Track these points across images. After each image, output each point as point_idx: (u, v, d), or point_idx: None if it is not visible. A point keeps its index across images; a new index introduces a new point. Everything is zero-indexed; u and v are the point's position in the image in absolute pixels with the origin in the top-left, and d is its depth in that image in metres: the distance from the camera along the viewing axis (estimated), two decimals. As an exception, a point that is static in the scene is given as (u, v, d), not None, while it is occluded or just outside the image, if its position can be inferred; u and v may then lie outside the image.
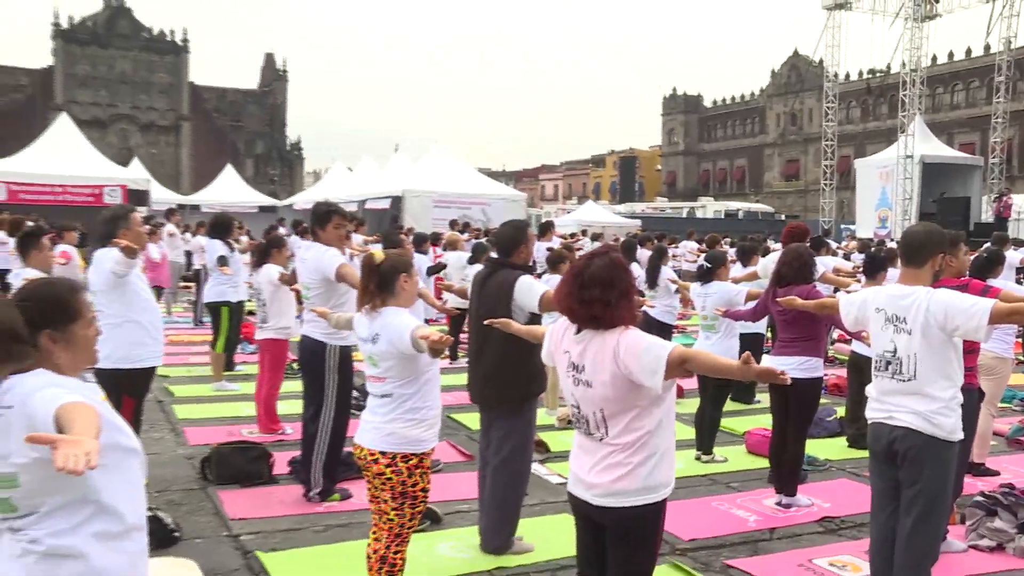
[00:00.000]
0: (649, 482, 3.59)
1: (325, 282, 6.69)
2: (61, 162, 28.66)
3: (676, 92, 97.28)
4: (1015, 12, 37.72)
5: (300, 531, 6.30)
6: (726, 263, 8.92)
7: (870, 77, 55.22)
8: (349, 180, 36.76)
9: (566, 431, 9.04)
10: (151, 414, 8.96)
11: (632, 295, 3.71)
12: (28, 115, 76.94)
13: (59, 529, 2.70)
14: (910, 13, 37.29)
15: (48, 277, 3.53)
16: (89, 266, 6.83)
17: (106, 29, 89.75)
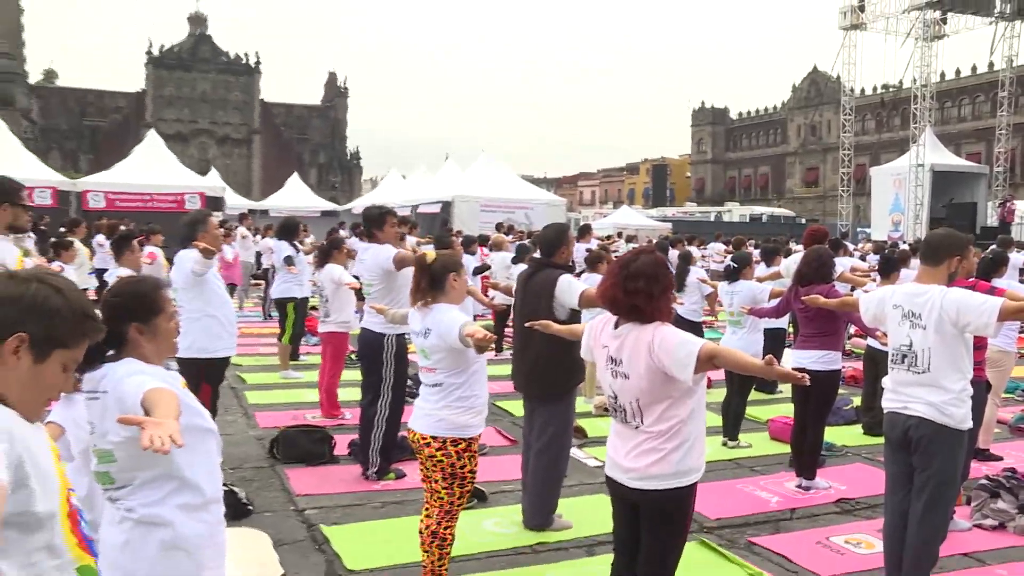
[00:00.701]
0: (681, 467, 3.57)
1: (384, 278, 6.69)
2: (149, 173, 29.09)
3: (704, 105, 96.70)
4: (1016, 33, 37.93)
5: (359, 507, 6.32)
6: (751, 263, 8.88)
7: (884, 92, 54.66)
8: (403, 186, 36.85)
9: (603, 418, 9.01)
10: (226, 399, 9.04)
11: (671, 292, 3.70)
12: (124, 133, 78.37)
13: (150, 500, 2.78)
14: (920, 33, 37.11)
15: (136, 275, 3.57)
16: (172, 265, 6.91)
17: (190, 55, 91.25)
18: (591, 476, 7.12)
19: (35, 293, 1.97)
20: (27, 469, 1.84)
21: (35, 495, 1.85)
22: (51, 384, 2.02)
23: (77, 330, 2.03)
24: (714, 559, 5.45)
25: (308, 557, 5.39)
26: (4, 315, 1.94)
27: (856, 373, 10.68)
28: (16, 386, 1.94)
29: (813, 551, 5.64)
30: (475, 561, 5.32)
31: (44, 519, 1.88)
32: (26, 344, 1.93)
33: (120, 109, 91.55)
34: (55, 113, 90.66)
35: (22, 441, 1.86)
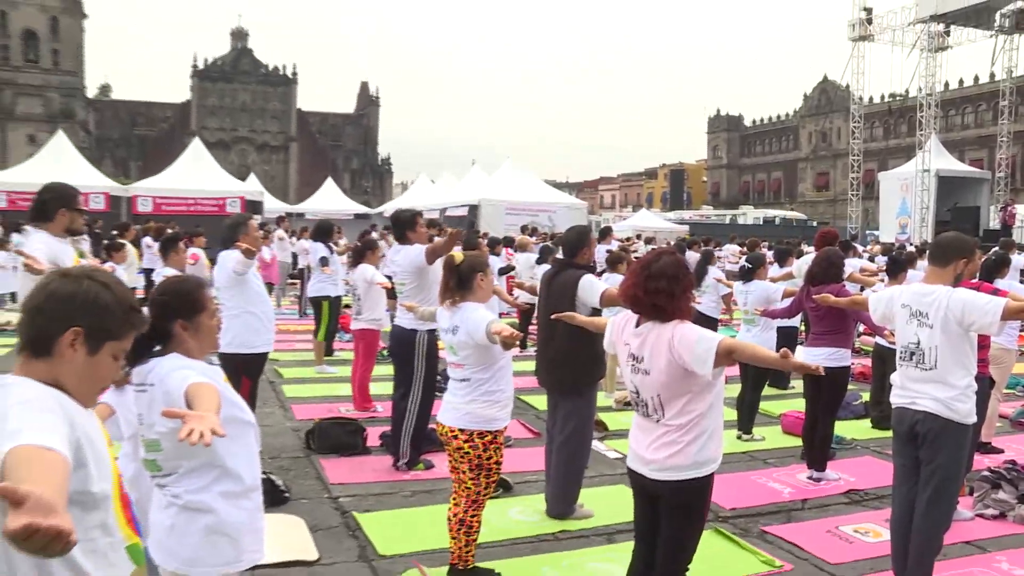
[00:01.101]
0: (699, 458, 3.55)
1: (416, 278, 6.67)
2: (193, 179, 29.37)
3: (720, 113, 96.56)
4: (1015, 46, 37.85)
5: (390, 495, 6.33)
6: (765, 264, 8.84)
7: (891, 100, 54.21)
8: (432, 190, 36.89)
9: (623, 412, 8.97)
10: (264, 392, 9.07)
11: (691, 292, 3.68)
12: (170, 141, 79.35)
13: (194, 487, 2.82)
14: (925, 45, 37.06)
15: (181, 275, 3.60)
16: (214, 265, 6.95)
17: (232, 67, 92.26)
18: (611, 467, 7.10)
19: (87, 290, 2.02)
20: (85, 451, 1.88)
21: (92, 476, 1.89)
22: (104, 373, 2.06)
23: (125, 322, 2.08)
24: (729, 547, 5.42)
25: (342, 542, 5.40)
26: (60, 311, 1.98)
27: (865, 369, 10.60)
28: (73, 376, 1.99)
29: (823, 539, 5.61)
30: (500, 547, 5.32)
31: (99, 499, 1.92)
32: (81, 337, 1.98)
33: (167, 119, 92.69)
34: (108, 124, 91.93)
35: (81, 426, 1.90)
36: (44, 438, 1.68)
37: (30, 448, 1.64)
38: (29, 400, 1.82)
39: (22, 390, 1.87)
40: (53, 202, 5.40)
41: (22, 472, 1.56)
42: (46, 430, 1.72)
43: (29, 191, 20.55)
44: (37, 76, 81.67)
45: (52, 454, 1.65)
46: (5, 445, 1.65)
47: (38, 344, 1.98)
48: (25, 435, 1.67)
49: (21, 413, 1.76)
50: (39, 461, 1.61)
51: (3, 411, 1.79)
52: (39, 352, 1.97)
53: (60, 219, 5.39)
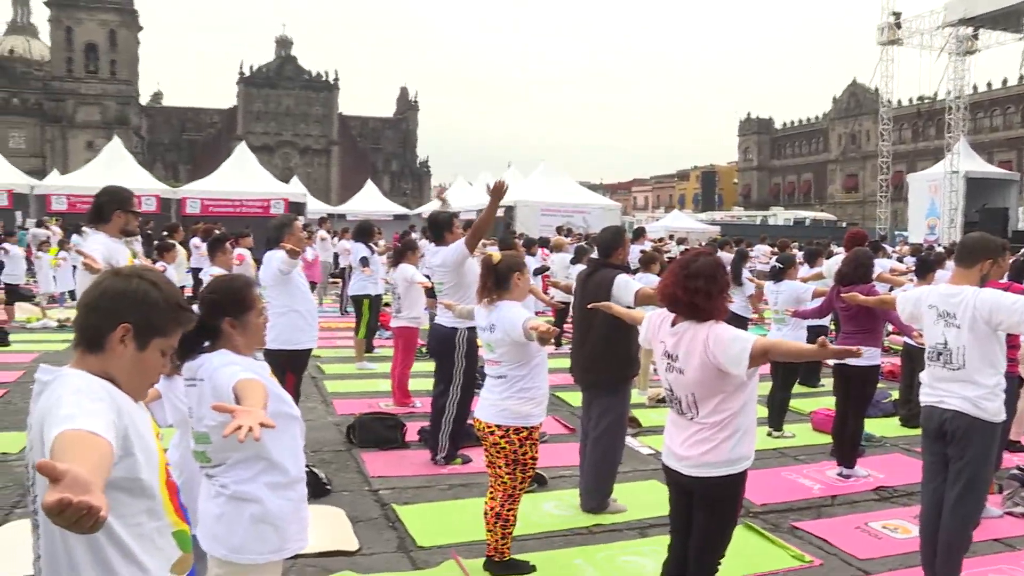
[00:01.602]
0: (732, 455, 3.52)
1: (455, 276, 6.66)
2: (239, 181, 29.72)
3: (750, 116, 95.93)
4: None
5: (428, 488, 6.35)
6: (795, 264, 8.75)
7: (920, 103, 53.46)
8: (469, 192, 36.93)
9: (655, 409, 8.94)
10: (306, 388, 9.13)
11: (727, 292, 3.65)
12: (217, 145, 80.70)
13: (241, 478, 2.85)
14: (953, 48, 36.44)
15: (229, 274, 3.64)
16: (260, 265, 7.01)
17: (276, 74, 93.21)
18: (644, 463, 7.07)
19: (136, 288, 2.05)
20: (132, 441, 1.91)
21: (139, 464, 1.92)
22: (152, 368, 2.09)
23: (172, 320, 2.10)
24: (759, 542, 5.37)
25: (382, 533, 5.42)
26: (111, 307, 2.02)
27: (894, 368, 10.46)
28: (123, 370, 2.02)
29: (852, 535, 5.54)
30: (535, 540, 5.31)
31: (146, 486, 1.95)
32: (130, 333, 2.01)
33: (214, 124, 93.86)
34: (160, 129, 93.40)
35: (129, 416, 1.93)
36: (92, 424, 1.71)
37: (77, 432, 1.68)
38: (81, 389, 1.86)
39: (75, 380, 1.91)
40: (109, 204, 5.49)
41: (67, 453, 1.60)
42: (95, 417, 1.75)
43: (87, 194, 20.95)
44: (96, 86, 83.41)
45: (98, 439, 1.68)
46: (56, 429, 1.70)
47: (91, 339, 2.01)
48: (75, 420, 1.71)
49: (73, 400, 1.80)
50: (84, 443, 1.65)
51: (57, 399, 1.83)
52: (92, 347, 2.01)
53: (116, 220, 5.47)
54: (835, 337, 8.54)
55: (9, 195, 27.67)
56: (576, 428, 7.54)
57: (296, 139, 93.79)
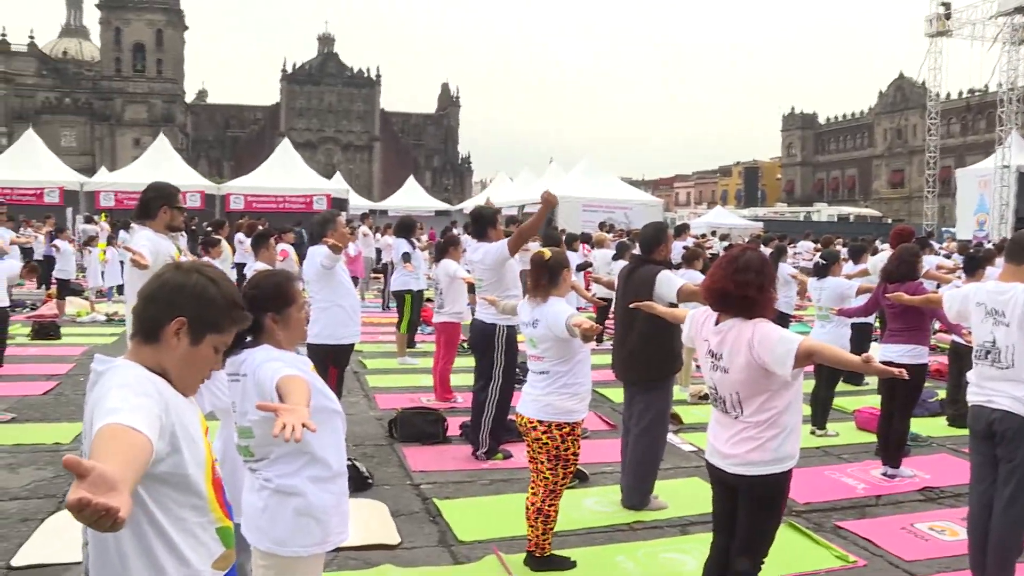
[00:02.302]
0: (778, 454, 3.49)
1: (495, 274, 6.70)
2: (282, 177, 30.01)
3: (794, 111, 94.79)
4: None
5: (469, 483, 6.36)
6: (839, 261, 8.64)
7: (969, 96, 52.36)
8: (510, 188, 36.92)
9: (698, 406, 8.88)
10: (349, 382, 9.18)
11: (775, 286, 3.62)
12: (260, 142, 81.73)
13: (284, 472, 2.88)
14: (1007, 38, 35.54)
15: (272, 269, 3.67)
16: (303, 261, 7.07)
17: (319, 71, 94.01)
18: (686, 460, 7.02)
19: (195, 283, 2.07)
20: (179, 438, 1.93)
21: (186, 461, 1.94)
22: (204, 363, 2.10)
23: (228, 317, 2.12)
24: (803, 541, 5.30)
25: (423, 527, 5.45)
26: (169, 300, 2.04)
27: (941, 367, 10.30)
28: (175, 364, 2.04)
29: (898, 536, 5.45)
30: (576, 536, 5.30)
31: (192, 482, 1.97)
32: (185, 327, 2.03)
33: (258, 121, 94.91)
34: (204, 127, 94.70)
35: (176, 413, 1.95)
36: (133, 419, 1.73)
37: (118, 426, 1.69)
38: (129, 384, 1.88)
39: (125, 373, 1.93)
40: (155, 200, 5.58)
41: (102, 448, 1.62)
42: (138, 412, 1.77)
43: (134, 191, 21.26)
44: (143, 84, 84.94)
45: (136, 434, 1.69)
46: (99, 423, 1.72)
47: (147, 330, 2.03)
48: (118, 415, 1.73)
49: (119, 394, 1.82)
50: (121, 439, 1.66)
51: (106, 391, 1.86)
52: (148, 337, 2.03)
53: (162, 216, 5.56)
54: (880, 335, 8.40)
55: (60, 192, 28.25)
56: (617, 424, 7.52)
57: (338, 135, 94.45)
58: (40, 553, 4.82)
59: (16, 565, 4.68)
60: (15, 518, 5.41)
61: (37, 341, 12.57)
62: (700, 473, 6.26)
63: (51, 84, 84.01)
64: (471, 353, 7.25)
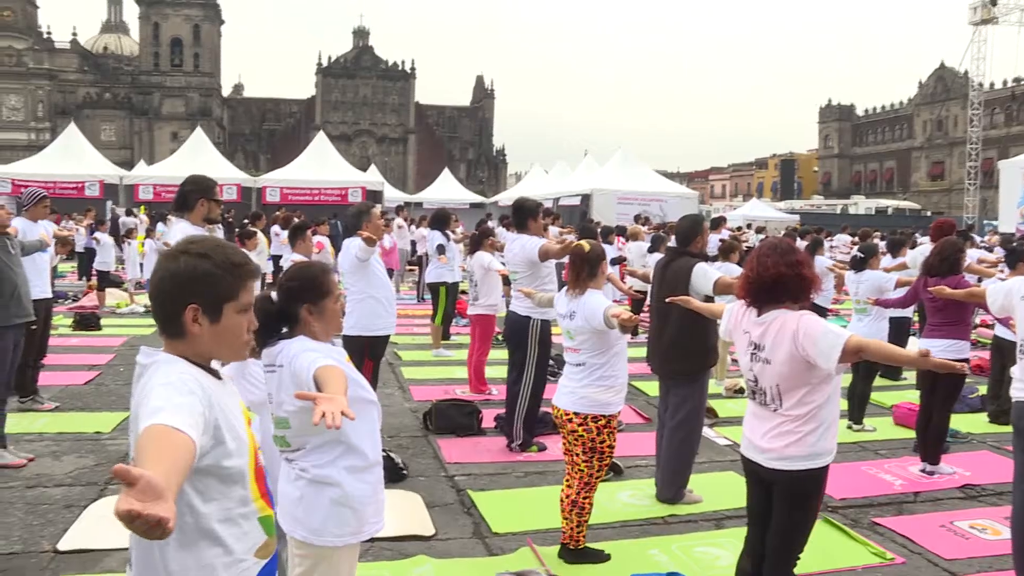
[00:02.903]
0: (816, 449, 3.45)
1: (530, 266, 6.72)
2: (318, 170, 30.24)
3: (831, 102, 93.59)
4: None
5: (503, 475, 6.38)
6: (878, 254, 8.48)
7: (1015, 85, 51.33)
8: (545, 180, 36.89)
9: (733, 399, 8.83)
10: (384, 374, 9.24)
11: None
12: (296, 135, 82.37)
13: (321, 462, 2.90)
14: (1057, 24, 34.62)
15: (307, 261, 3.69)
16: (339, 252, 7.11)
17: (354, 64, 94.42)
18: (721, 454, 6.98)
19: (185, 266, 2.01)
20: (223, 430, 1.93)
21: (230, 452, 1.95)
22: (236, 332, 2.07)
23: (235, 281, 2.06)
24: (839, 537, 5.25)
25: (457, 519, 5.47)
26: (172, 292, 2.01)
27: (982, 362, 10.13)
28: (208, 346, 2.03)
29: (937, 534, 5.37)
30: (610, 529, 5.30)
31: (235, 473, 1.98)
32: (199, 312, 1.99)
33: (293, 114, 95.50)
34: (240, 120, 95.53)
35: (219, 406, 1.95)
36: (177, 419, 1.73)
37: (163, 427, 1.69)
38: (171, 382, 1.87)
39: (168, 370, 1.93)
40: (193, 193, 5.64)
41: (147, 450, 1.63)
42: (181, 412, 1.77)
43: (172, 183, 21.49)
44: (180, 78, 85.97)
45: (180, 435, 1.70)
46: (144, 422, 1.73)
47: (168, 327, 2.02)
48: (161, 414, 1.73)
49: (163, 393, 1.82)
50: (165, 441, 1.66)
51: (150, 388, 1.86)
52: (173, 334, 2.02)
53: (200, 209, 5.62)
54: (919, 329, 8.28)
55: (101, 185, 28.73)
56: (652, 418, 7.49)
57: (373, 128, 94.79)
58: (84, 538, 4.93)
59: (62, 549, 4.80)
60: (59, 504, 5.52)
61: (79, 332, 12.78)
62: (735, 467, 6.23)
63: (92, 79, 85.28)
64: (505, 345, 7.26)
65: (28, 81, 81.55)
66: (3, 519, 5.28)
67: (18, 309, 6.49)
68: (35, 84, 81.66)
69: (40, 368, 8.29)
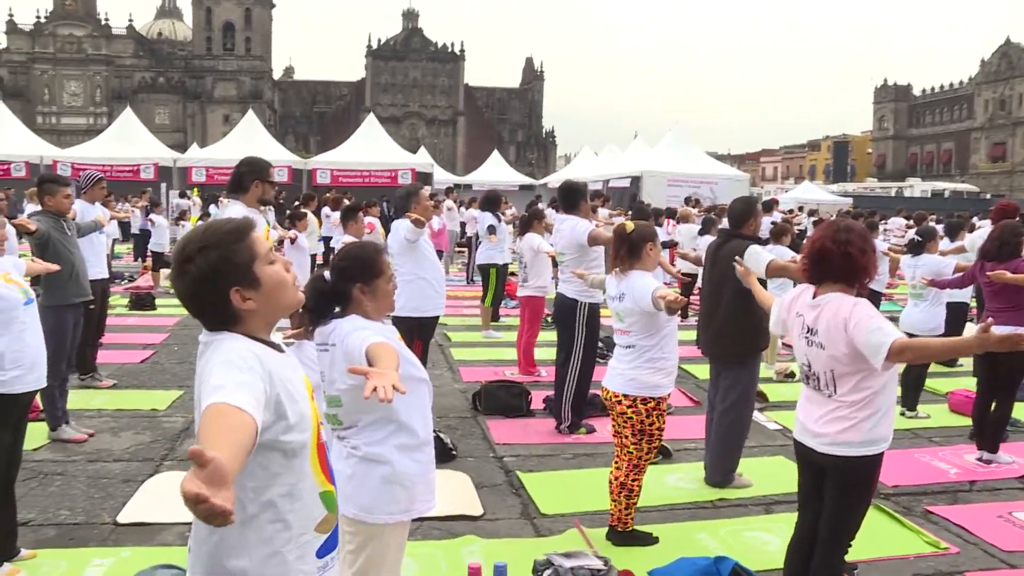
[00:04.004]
0: (871, 436, 3.40)
1: (578, 249, 6.71)
2: (368, 152, 30.42)
3: (887, 82, 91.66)
4: None
5: (552, 457, 6.38)
6: (936, 238, 8.26)
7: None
8: (595, 162, 36.68)
9: (783, 384, 8.73)
10: (433, 355, 9.27)
11: (875, 256, 3.54)
12: (346, 117, 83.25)
13: (372, 440, 2.93)
14: None
15: (360, 241, 3.72)
16: (388, 234, 7.16)
17: (403, 46, 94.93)
18: (771, 439, 6.92)
19: (199, 268, 1.98)
20: (285, 405, 1.94)
21: (291, 427, 1.96)
22: (278, 278, 2.05)
23: (242, 244, 2.03)
24: (891, 525, 5.16)
25: (505, 499, 5.49)
26: (206, 295, 2.00)
27: (1047, 348, 9.84)
28: (266, 312, 2.03)
29: (994, 524, 5.23)
30: (658, 512, 5.28)
31: (297, 448, 1.99)
32: (239, 293, 1.99)
33: (343, 97, 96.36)
34: (291, 103, 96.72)
35: (281, 381, 1.96)
36: (238, 398, 1.74)
37: (225, 406, 1.71)
38: (231, 359, 1.88)
39: (228, 347, 1.94)
40: (248, 175, 5.72)
41: (211, 428, 1.65)
42: (243, 389, 1.78)
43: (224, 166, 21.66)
44: (232, 62, 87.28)
45: (243, 416, 1.71)
46: (206, 400, 1.75)
47: (223, 321, 2.01)
48: (223, 392, 1.75)
49: (223, 370, 1.84)
50: (227, 420, 1.68)
51: (211, 367, 1.88)
52: (230, 324, 2.01)
53: (254, 190, 5.70)
54: (976, 316, 8.08)
55: (155, 168, 29.23)
56: (702, 401, 7.44)
57: (423, 110, 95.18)
58: (141, 512, 5.07)
59: (122, 522, 4.94)
60: (118, 478, 5.67)
61: (134, 311, 13.06)
62: (785, 452, 6.17)
63: (147, 64, 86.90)
64: (554, 327, 7.26)
65: (87, 67, 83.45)
66: (68, 491, 5.45)
67: (76, 289, 6.65)
68: (93, 70, 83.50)
69: (99, 347, 8.50)
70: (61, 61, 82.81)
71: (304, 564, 2.03)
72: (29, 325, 4.28)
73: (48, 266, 5.50)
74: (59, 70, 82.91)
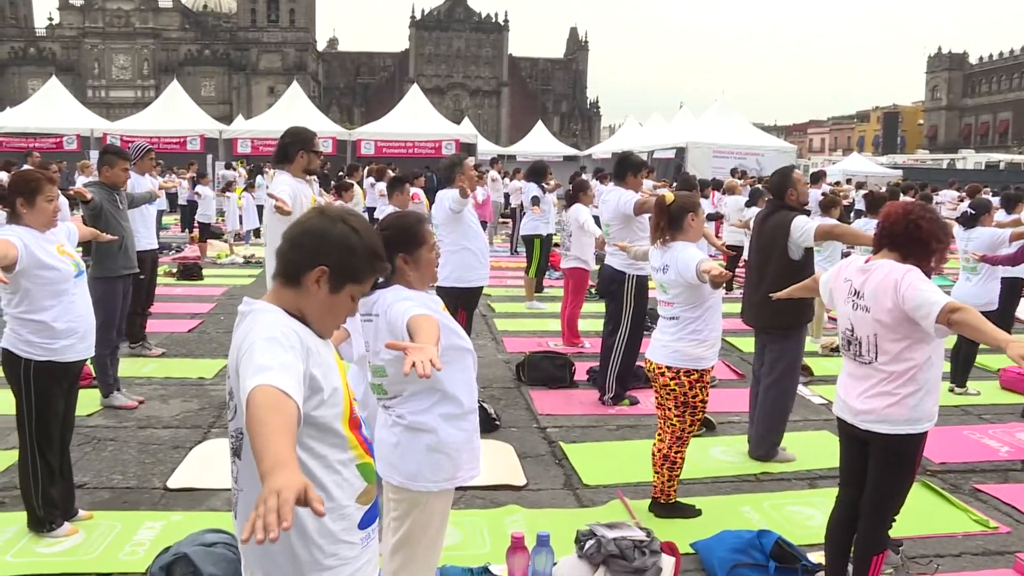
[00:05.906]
0: (915, 414, 3.35)
1: (624, 220, 6.68)
2: (412, 122, 30.48)
3: (941, 51, 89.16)
4: None
5: (595, 428, 6.40)
6: (990, 210, 8.02)
7: None
8: (639, 133, 36.34)
9: (828, 358, 8.64)
10: (477, 325, 9.32)
11: (946, 240, 3.45)
12: (390, 88, 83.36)
13: (417, 409, 2.96)
14: None
15: (403, 211, 3.72)
16: (432, 204, 7.18)
17: (447, 16, 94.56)
18: (815, 413, 6.86)
19: (340, 232, 2.07)
20: (320, 381, 1.98)
21: (325, 402, 2.00)
22: (341, 311, 2.13)
23: (368, 268, 2.12)
24: (937, 502, 5.10)
25: (548, 470, 5.52)
26: (313, 247, 2.06)
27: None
28: (314, 309, 2.08)
29: (1049, 506, 5.12)
30: (701, 485, 5.28)
31: (332, 422, 2.03)
32: (326, 276, 2.04)
33: (387, 68, 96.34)
34: (335, 74, 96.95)
35: (316, 358, 2.00)
36: (284, 381, 1.77)
37: (275, 392, 1.74)
38: (275, 337, 1.91)
39: (269, 322, 1.97)
40: (293, 145, 5.76)
41: (262, 417, 1.68)
42: (287, 373, 1.81)
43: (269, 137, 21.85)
44: (276, 34, 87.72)
45: (291, 403, 1.74)
46: (252, 380, 1.77)
47: (290, 273, 2.06)
48: (269, 374, 1.78)
49: (267, 349, 1.86)
50: (276, 412, 1.71)
51: (251, 343, 1.90)
52: (289, 281, 2.06)
53: (299, 160, 5.74)
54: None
55: (201, 140, 29.59)
56: (746, 374, 7.40)
57: (467, 81, 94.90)
58: (190, 478, 5.19)
59: (171, 487, 5.06)
60: (167, 445, 5.80)
61: (182, 281, 13.27)
62: (830, 427, 6.11)
63: (192, 37, 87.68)
64: (598, 298, 7.23)
65: (135, 41, 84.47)
66: (120, 456, 5.60)
67: (125, 261, 6.77)
68: (141, 43, 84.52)
69: (148, 316, 8.66)
70: (110, 35, 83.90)
71: (349, 536, 2.08)
72: (79, 296, 4.36)
73: (97, 233, 5.59)
74: (108, 44, 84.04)
